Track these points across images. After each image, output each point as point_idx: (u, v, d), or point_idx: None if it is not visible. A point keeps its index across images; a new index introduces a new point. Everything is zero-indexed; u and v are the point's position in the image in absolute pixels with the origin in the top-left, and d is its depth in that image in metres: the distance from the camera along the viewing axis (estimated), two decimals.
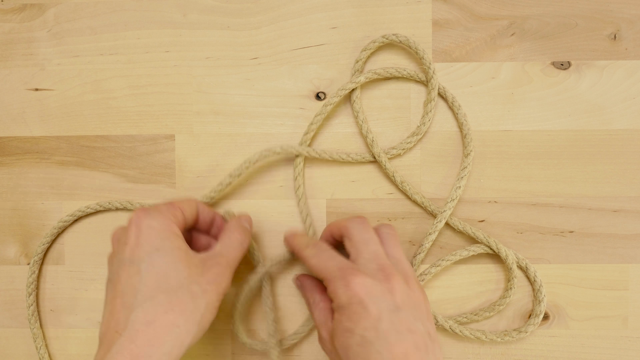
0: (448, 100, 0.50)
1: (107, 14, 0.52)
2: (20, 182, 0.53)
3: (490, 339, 0.49)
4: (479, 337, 0.49)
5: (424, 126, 0.50)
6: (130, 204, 0.52)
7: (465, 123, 0.50)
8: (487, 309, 0.50)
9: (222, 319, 0.52)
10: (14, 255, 0.53)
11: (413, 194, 0.50)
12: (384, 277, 0.40)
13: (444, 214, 0.49)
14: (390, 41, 0.50)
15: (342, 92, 0.49)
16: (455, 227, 0.49)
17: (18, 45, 0.53)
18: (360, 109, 0.50)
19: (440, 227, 0.49)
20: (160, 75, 0.52)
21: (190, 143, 0.52)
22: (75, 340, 0.53)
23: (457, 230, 0.50)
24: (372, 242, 0.43)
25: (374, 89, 0.51)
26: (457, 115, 0.50)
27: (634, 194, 0.50)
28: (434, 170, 0.51)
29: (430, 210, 0.50)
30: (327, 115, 0.50)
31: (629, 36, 0.50)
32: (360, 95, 0.50)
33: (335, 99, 0.49)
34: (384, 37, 0.49)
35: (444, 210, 0.49)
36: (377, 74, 0.50)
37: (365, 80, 0.50)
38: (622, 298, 0.50)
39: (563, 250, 0.50)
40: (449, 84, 0.51)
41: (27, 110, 0.53)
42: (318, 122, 0.50)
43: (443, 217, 0.49)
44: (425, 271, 0.50)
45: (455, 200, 0.49)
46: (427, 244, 0.49)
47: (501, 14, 0.50)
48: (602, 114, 0.50)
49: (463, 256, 0.49)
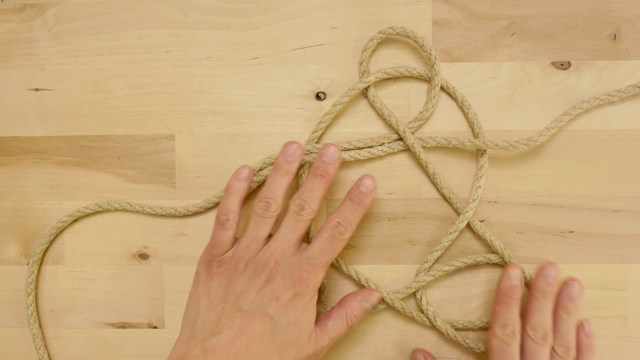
0: (458, 100, 0.50)
1: (107, 14, 0.52)
2: (20, 182, 0.53)
3: (484, 351, 0.49)
4: (473, 347, 0.49)
5: (427, 112, 0.50)
6: (130, 204, 0.52)
7: (476, 122, 0.50)
8: (485, 319, 0.50)
9: None
10: (14, 255, 0.53)
11: (442, 188, 0.50)
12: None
13: (466, 214, 0.49)
14: (388, 35, 0.50)
15: (352, 91, 0.49)
16: (476, 230, 0.49)
17: (18, 45, 0.53)
18: (382, 105, 0.50)
19: (461, 227, 0.49)
20: (160, 75, 0.52)
21: (190, 143, 0.52)
22: (75, 340, 0.53)
23: (475, 233, 0.50)
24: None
25: (373, 89, 0.51)
26: (468, 114, 0.50)
27: (634, 194, 0.50)
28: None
29: (455, 207, 0.50)
30: (336, 114, 0.50)
31: (629, 36, 0.50)
32: (376, 94, 0.50)
33: (345, 98, 0.49)
34: (381, 33, 0.49)
35: (467, 210, 0.49)
36: (387, 74, 0.50)
37: (376, 80, 0.50)
38: (622, 298, 0.50)
39: (563, 250, 0.50)
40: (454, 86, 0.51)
41: (27, 110, 0.53)
42: (327, 120, 0.50)
43: (465, 218, 0.49)
44: (439, 268, 0.49)
45: (476, 200, 0.49)
46: (446, 242, 0.49)
47: (501, 14, 0.50)
48: (602, 114, 0.50)
49: (478, 262, 0.49)
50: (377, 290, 0.49)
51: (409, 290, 0.49)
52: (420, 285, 0.49)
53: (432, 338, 0.51)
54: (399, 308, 0.49)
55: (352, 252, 0.51)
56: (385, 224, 0.51)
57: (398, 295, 0.50)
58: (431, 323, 0.50)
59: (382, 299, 0.49)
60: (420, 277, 0.49)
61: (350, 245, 0.51)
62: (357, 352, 0.51)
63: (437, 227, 0.51)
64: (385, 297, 0.49)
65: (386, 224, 0.51)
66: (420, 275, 0.50)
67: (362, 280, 0.50)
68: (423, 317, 0.50)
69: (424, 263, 0.50)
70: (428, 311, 0.49)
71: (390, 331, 0.51)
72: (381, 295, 0.49)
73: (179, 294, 0.52)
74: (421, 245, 0.51)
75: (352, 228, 0.44)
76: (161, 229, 0.52)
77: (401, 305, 0.49)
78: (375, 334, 0.51)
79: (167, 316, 0.52)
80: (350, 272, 0.50)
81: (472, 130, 0.50)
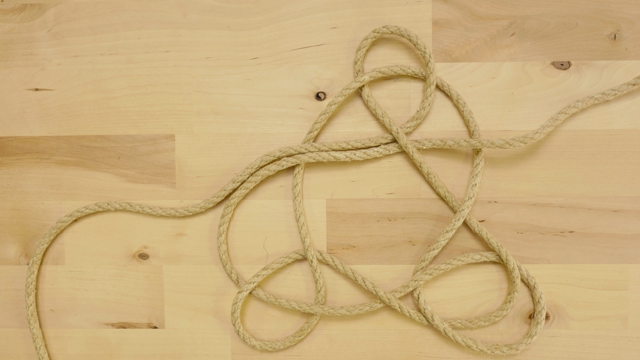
0: (453, 98, 0.50)
1: (107, 14, 0.52)
2: (20, 182, 0.53)
3: (480, 349, 0.49)
4: (469, 345, 0.49)
5: (424, 110, 0.50)
6: (130, 204, 0.52)
7: (471, 120, 0.50)
8: (483, 318, 0.50)
9: (222, 319, 0.52)
10: (14, 255, 0.53)
11: (437, 187, 0.50)
12: None
13: (462, 212, 0.49)
14: (382, 34, 0.50)
15: (346, 91, 0.49)
16: (473, 228, 0.50)
17: (18, 45, 0.53)
18: (376, 104, 0.50)
19: (458, 225, 0.49)
20: (160, 75, 0.52)
21: (190, 143, 0.52)
22: (75, 340, 0.53)
23: (472, 230, 0.50)
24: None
25: (374, 88, 0.51)
26: (463, 112, 0.50)
27: (634, 194, 0.50)
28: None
29: (452, 206, 0.50)
30: (331, 114, 0.50)
31: (629, 36, 0.50)
32: (370, 93, 0.50)
33: (340, 98, 0.49)
34: (375, 32, 0.49)
35: (463, 209, 0.49)
36: (382, 73, 0.50)
37: (370, 79, 0.50)
38: (622, 298, 0.50)
39: (563, 250, 0.50)
40: (449, 84, 0.51)
41: (27, 110, 0.53)
42: (322, 121, 0.50)
43: (461, 216, 0.49)
44: (436, 267, 0.49)
45: (472, 198, 0.49)
46: (442, 241, 0.49)
47: (501, 14, 0.50)
48: (602, 114, 0.50)
49: (475, 260, 0.49)
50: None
51: (406, 289, 0.49)
52: (418, 284, 0.49)
53: (432, 338, 0.51)
54: (396, 307, 0.49)
55: (352, 252, 0.51)
56: (385, 224, 0.51)
57: (395, 294, 0.49)
58: (429, 322, 0.50)
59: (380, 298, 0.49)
60: (417, 276, 0.49)
61: (350, 246, 0.51)
62: (357, 352, 0.51)
63: (437, 226, 0.51)
64: (382, 296, 0.49)
65: (386, 224, 0.51)
66: (417, 274, 0.50)
67: (359, 280, 0.50)
68: (421, 316, 0.50)
69: (421, 262, 0.50)
70: (426, 310, 0.49)
71: (390, 331, 0.51)
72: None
73: (179, 294, 0.52)
74: (421, 245, 0.51)
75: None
76: (161, 229, 0.52)
77: (398, 304, 0.49)
78: (375, 334, 0.51)
79: (167, 316, 0.52)
80: (347, 271, 0.50)
81: (467, 129, 0.51)
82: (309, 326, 0.51)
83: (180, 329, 0.52)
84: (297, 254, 0.51)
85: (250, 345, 0.50)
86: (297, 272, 0.52)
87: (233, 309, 0.50)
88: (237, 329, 0.50)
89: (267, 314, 0.52)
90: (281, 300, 0.50)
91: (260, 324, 0.52)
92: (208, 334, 0.52)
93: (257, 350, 0.51)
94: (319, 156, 0.50)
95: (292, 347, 0.52)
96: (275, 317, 0.52)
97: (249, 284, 0.50)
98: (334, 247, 0.51)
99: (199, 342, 0.52)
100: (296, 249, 0.52)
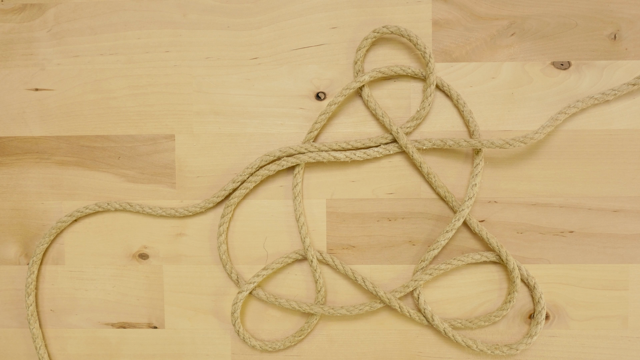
0: (453, 98, 0.50)
1: (107, 14, 0.52)
2: (20, 182, 0.53)
3: (480, 349, 0.49)
4: (469, 345, 0.49)
5: (424, 110, 0.50)
6: (130, 204, 0.52)
7: (471, 120, 0.50)
8: (483, 318, 0.50)
9: (222, 319, 0.52)
10: (14, 255, 0.53)
11: (437, 187, 0.50)
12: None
13: (462, 212, 0.49)
14: (382, 34, 0.50)
15: (346, 91, 0.49)
16: (473, 228, 0.50)
17: (18, 45, 0.53)
18: (376, 104, 0.50)
19: (458, 225, 0.49)
20: (160, 75, 0.52)
21: (190, 143, 0.52)
22: (75, 340, 0.53)
23: (472, 230, 0.50)
24: None
25: (374, 88, 0.51)
26: (463, 112, 0.50)
27: (634, 194, 0.50)
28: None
29: (452, 206, 0.50)
30: (331, 114, 0.50)
31: (629, 36, 0.50)
32: (370, 93, 0.50)
33: (340, 98, 0.49)
34: (375, 32, 0.50)
35: (463, 209, 0.49)
36: (382, 73, 0.50)
37: (370, 79, 0.50)
38: (622, 298, 0.50)
39: (563, 250, 0.50)
40: (449, 84, 0.51)
41: (27, 110, 0.53)
42: (322, 121, 0.50)
43: (461, 216, 0.49)
44: (436, 267, 0.49)
45: (472, 198, 0.49)
46: (442, 241, 0.49)
47: (501, 14, 0.50)
48: (602, 114, 0.50)
49: (475, 260, 0.49)
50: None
51: (406, 289, 0.49)
52: (418, 284, 0.49)
53: (432, 338, 0.51)
54: (396, 307, 0.49)
55: (352, 252, 0.51)
56: (385, 224, 0.51)
57: (395, 294, 0.50)
58: (429, 322, 0.50)
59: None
60: (417, 276, 0.49)
61: (350, 246, 0.51)
62: (357, 352, 0.51)
63: (437, 226, 0.51)
64: (382, 296, 0.49)
65: (386, 224, 0.51)
66: (417, 274, 0.50)
67: (359, 280, 0.50)
68: (421, 316, 0.50)
69: (421, 262, 0.50)
70: (426, 310, 0.49)
71: (390, 331, 0.51)
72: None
73: (179, 294, 0.52)
74: (421, 245, 0.51)
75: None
76: (161, 229, 0.52)
77: (398, 304, 0.49)
78: (375, 334, 0.51)
79: (167, 316, 0.52)
80: (347, 271, 0.50)
81: (467, 128, 0.51)
82: (309, 326, 0.51)
83: (180, 329, 0.52)
84: (297, 254, 0.51)
85: (250, 345, 0.51)
86: (297, 272, 0.52)
87: (233, 309, 0.50)
88: (237, 329, 0.50)
89: (267, 314, 0.52)
90: (281, 300, 0.50)
91: (260, 324, 0.52)
92: (208, 334, 0.52)
93: (257, 350, 0.51)
94: (319, 156, 0.50)
95: (292, 347, 0.52)
96: (275, 317, 0.52)
97: (249, 284, 0.50)
98: (334, 247, 0.51)
99: (199, 342, 0.52)
100: (296, 249, 0.52)
